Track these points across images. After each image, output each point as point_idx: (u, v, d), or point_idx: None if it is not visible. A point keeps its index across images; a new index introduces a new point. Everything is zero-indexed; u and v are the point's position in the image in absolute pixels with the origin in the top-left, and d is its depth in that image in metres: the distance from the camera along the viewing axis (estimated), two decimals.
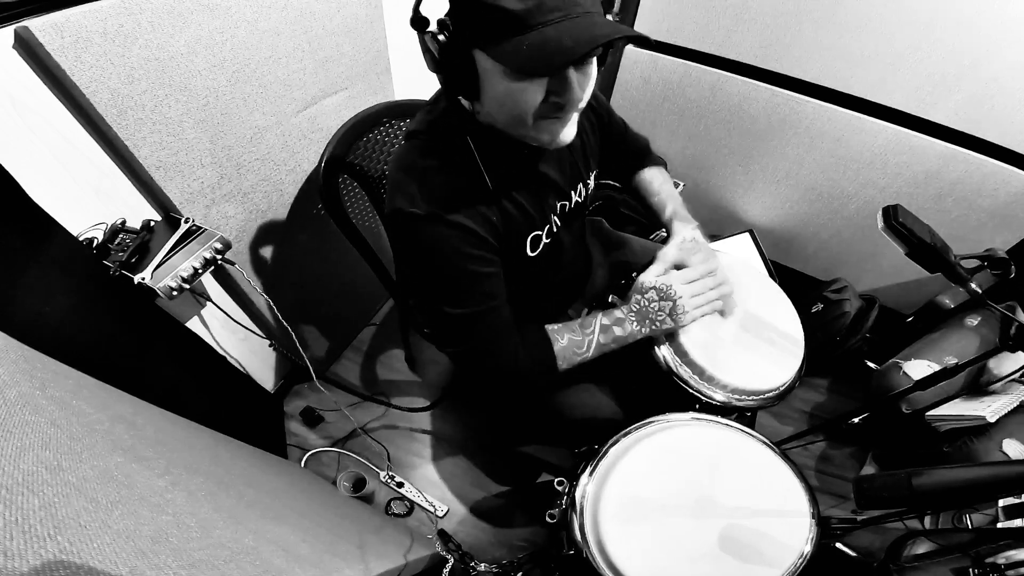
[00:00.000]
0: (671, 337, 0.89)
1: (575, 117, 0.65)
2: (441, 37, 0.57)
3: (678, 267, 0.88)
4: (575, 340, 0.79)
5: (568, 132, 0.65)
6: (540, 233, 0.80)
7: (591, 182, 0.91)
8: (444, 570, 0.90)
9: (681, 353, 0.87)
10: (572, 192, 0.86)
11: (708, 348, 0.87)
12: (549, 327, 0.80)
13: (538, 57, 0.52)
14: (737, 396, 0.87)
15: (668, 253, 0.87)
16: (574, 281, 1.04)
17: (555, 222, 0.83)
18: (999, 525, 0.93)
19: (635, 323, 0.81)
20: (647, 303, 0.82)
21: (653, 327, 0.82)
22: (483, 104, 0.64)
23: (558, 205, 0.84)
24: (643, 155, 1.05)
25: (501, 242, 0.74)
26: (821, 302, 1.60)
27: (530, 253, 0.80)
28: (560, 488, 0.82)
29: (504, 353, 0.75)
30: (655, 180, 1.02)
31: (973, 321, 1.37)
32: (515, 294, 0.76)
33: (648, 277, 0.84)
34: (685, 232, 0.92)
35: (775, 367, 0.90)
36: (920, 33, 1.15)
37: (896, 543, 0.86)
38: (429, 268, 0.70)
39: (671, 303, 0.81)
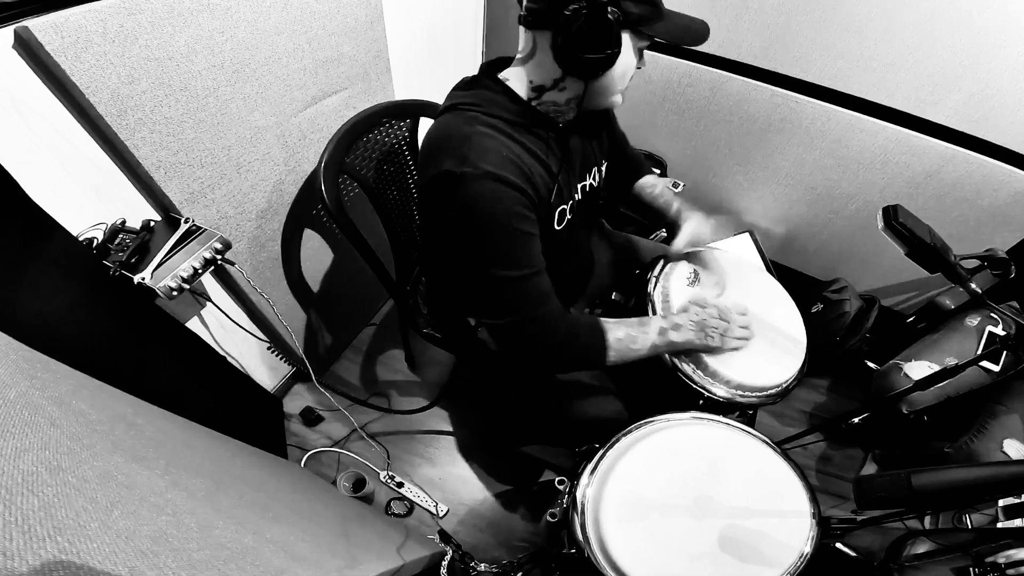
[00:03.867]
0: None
1: None
2: (601, 19, 0.63)
3: (694, 244, 0.96)
4: (632, 335, 0.81)
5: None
6: (565, 207, 0.82)
7: (603, 170, 0.95)
8: (443, 563, 0.90)
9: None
10: (587, 175, 0.89)
11: None
12: (603, 319, 0.81)
13: (686, 35, 0.71)
14: (740, 392, 0.87)
15: (690, 230, 0.96)
16: (578, 275, 1.05)
17: (576, 199, 0.86)
18: (999, 525, 0.93)
19: (692, 332, 0.83)
20: (707, 317, 0.85)
21: (703, 341, 0.84)
22: (604, 77, 0.71)
23: (579, 185, 0.87)
24: (641, 165, 1.11)
25: (541, 209, 0.75)
26: (821, 302, 1.60)
27: (556, 227, 0.81)
28: (561, 487, 0.82)
29: (550, 320, 0.75)
30: (657, 185, 1.07)
31: (973, 321, 1.37)
32: None
33: (679, 243, 0.94)
34: (697, 217, 0.98)
35: (778, 364, 0.91)
36: (920, 33, 1.15)
37: (896, 543, 0.86)
38: (479, 229, 0.69)
39: (727, 324, 0.85)
